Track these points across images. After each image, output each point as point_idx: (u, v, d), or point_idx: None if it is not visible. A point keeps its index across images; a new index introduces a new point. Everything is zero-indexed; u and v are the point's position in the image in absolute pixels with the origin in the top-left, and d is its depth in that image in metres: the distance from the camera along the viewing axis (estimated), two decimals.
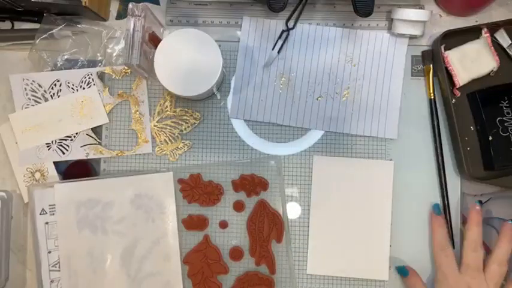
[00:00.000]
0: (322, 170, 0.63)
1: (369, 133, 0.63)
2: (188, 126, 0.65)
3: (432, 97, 0.63)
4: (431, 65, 0.63)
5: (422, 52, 0.64)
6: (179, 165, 0.65)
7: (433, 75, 0.63)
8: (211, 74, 0.57)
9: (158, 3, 0.66)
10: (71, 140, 0.65)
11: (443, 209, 0.62)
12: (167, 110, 0.65)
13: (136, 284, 0.62)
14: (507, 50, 0.63)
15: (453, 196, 0.63)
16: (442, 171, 0.62)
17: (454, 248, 0.60)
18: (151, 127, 0.65)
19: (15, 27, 0.67)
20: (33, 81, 0.65)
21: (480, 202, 0.59)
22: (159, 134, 0.65)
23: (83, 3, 0.59)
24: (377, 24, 0.65)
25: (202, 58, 0.57)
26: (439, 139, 0.62)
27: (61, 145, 0.65)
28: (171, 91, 0.57)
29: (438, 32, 0.63)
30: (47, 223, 0.63)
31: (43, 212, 0.63)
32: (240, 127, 0.65)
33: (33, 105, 0.65)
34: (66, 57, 0.65)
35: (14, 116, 0.65)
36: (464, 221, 0.62)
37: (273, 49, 0.64)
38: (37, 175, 0.64)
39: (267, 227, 0.62)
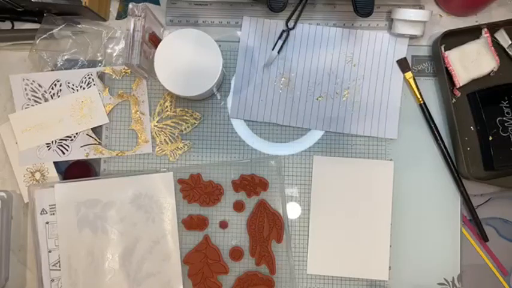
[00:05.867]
0: (322, 170, 0.63)
1: (369, 133, 0.63)
2: (188, 126, 0.65)
3: (421, 102, 0.63)
4: (410, 72, 0.63)
5: (398, 61, 0.63)
6: (179, 165, 0.65)
7: (418, 78, 0.63)
8: (211, 74, 0.57)
9: (158, 3, 0.66)
10: (71, 140, 0.65)
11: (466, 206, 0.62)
12: (167, 110, 0.65)
13: (136, 283, 0.62)
14: (507, 50, 0.63)
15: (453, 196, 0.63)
16: (454, 172, 0.62)
17: None
18: (151, 127, 0.65)
19: (15, 27, 0.67)
20: (33, 81, 0.65)
21: None
22: (159, 134, 0.65)
23: (83, 3, 0.59)
24: (377, 24, 0.65)
25: (202, 58, 0.57)
26: (442, 142, 0.62)
27: (61, 145, 0.65)
28: (171, 91, 0.57)
29: (438, 32, 0.63)
30: (47, 223, 0.63)
31: (43, 212, 0.63)
32: (240, 127, 0.65)
33: (33, 105, 0.65)
34: (66, 57, 0.65)
35: (14, 116, 0.65)
36: (464, 220, 0.62)
37: (273, 49, 0.64)
38: (37, 175, 0.64)
39: (267, 227, 0.62)
